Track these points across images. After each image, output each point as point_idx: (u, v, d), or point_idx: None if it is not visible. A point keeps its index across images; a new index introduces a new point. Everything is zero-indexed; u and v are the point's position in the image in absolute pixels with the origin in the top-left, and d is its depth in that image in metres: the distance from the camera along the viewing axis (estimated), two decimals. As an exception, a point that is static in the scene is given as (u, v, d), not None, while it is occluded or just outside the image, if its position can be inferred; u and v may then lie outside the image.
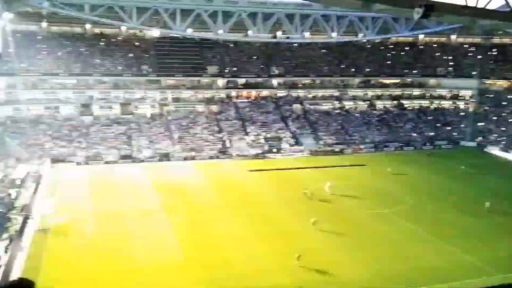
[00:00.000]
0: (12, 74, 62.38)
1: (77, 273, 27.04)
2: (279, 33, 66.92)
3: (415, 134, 71.41)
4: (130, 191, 43.90)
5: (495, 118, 73.88)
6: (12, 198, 38.62)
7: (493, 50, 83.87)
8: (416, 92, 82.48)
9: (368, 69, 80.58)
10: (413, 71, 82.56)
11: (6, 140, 53.89)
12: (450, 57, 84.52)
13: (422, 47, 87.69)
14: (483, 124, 73.75)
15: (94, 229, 33.91)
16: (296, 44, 77.19)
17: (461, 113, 78.30)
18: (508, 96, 76.33)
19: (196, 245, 31.69)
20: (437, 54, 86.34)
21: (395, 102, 79.48)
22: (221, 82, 73.04)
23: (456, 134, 72.37)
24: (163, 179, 48.82)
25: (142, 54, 71.62)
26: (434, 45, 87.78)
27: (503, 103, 75.81)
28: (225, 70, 73.42)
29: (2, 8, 48.00)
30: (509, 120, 71.85)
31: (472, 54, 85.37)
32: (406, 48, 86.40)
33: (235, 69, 74.33)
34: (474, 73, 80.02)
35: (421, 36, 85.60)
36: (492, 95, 78.64)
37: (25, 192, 41.17)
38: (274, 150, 61.75)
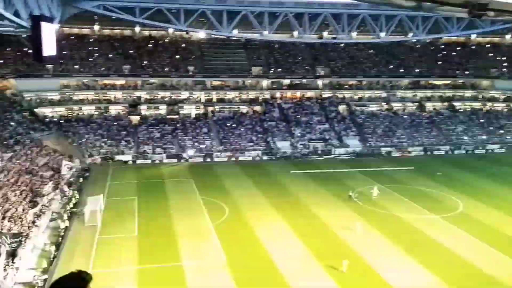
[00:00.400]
0: (66, 75, 65.03)
1: (124, 267, 27.63)
2: (325, 34, 66.07)
3: (466, 138, 68.57)
4: (174, 190, 44.54)
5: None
6: (66, 195, 40.15)
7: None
8: (468, 93, 79.27)
9: (418, 70, 78.18)
10: (465, 72, 79.36)
11: (59, 138, 56.08)
12: (504, 58, 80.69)
13: (474, 47, 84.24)
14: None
15: (139, 226, 34.58)
16: (343, 45, 75.98)
17: (516, 116, 74.59)
18: None
19: (238, 244, 31.65)
20: (490, 54, 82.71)
21: (446, 103, 76.65)
22: (265, 83, 73.01)
23: (509, 138, 68.83)
24: (206, 178, 49.25)
25: (189, 56, 72.71)
26: (487, 45, 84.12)
27: None
28: (270, 71, 73.33)
29: (57, 12, 50.06)
30: None
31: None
32: (457, 48, 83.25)
33: (279, 70, 74.10)
34: (530, 74, 76.01)
35: (473, 36, 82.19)
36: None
37: (76, 189, 42.73)
38: (319, 151, 60.97)
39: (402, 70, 77.72)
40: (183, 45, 74.22)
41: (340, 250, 30.34)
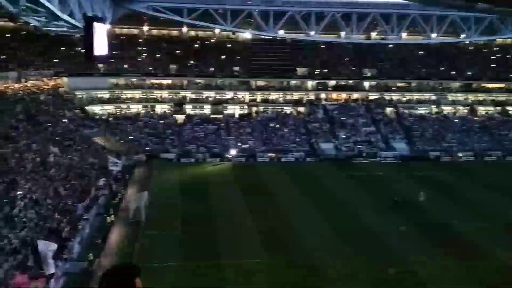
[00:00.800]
0: (116, 74, 66.99)
1: (165, 263, 27.94)
2: (373, 34, 64.80)
3: (519, 143, 65.20)
4: (217, 189, 44.79)
5: None
6: (112, 190, 41.24)
7: None
8: (523, 98, 75.41)
9: (470, 72, 75.17)
10: (520, 76, 75.57)
11: (108, 135, 57.81)
12: None
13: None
14: None
15: (182, 223, 34.96)
16: (392, 45, 74.16)
17: None
18: None
19: (280, 246, 31.34)
20: (548, 57, 78.40)
21: (499, 108, 73.23)
22: (310, 84, 72.36)
23: None
24: (249, 178, 49.24)
25: (234, 56, 73.14)
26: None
27: None
28: (315, 72, 72.59)
29: (109, 13, 51.62)
30: None
31: None
32: (513, 50, 79.51)
33: (325, 70, 73.21)
34: None
35: (531, 38, 78.25)
36: None
37: (122, 185, 43.81)
38: (364, 154, 59.72)
39: (453, 73, 74.99)
40: (229, 45, 74.77)
41: (385, 256, 29.43)
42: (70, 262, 27.01)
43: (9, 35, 60.61)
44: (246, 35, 72.22)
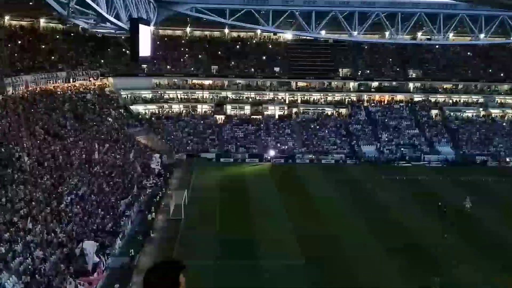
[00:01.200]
0: (159, 74, 68.35)
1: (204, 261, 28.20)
2: (419, 34, 63.07)
3: None
4: (255, 189, 44.82)
5: None
6: (154, 188, 42.09)
7: None
8: None
9: (520, 74, 71.92)
10: None
11: (150, 134, 59.09)
12: None
13: None
14: None
15: (220, 222, 35.22)
16: (438, 46, 71.96)
17: None
18: None
19: (318, 248, 30.95)
20: None
21: (551, 111, 69.66)
22: (352, 85, 71.25)
23: None
24: (287, 179, 49.00)
25: (275, 57, 73.06)
26: None
27: None
28: (358, 73, 71.42)
29: (153, 15, 52.71)
30: None
31: None
32: None
33: (368, 71, 71.93)
34: None
35: None
36: None
37: (163, 183, 44.65)
38: (407, 157, 58.22)
39: (502, 74, 71.92)
40: (270, 46, 74.76)
41: (429, 265, 28.49)
42: (112, 257, 27.74)
43: (59, 36, 62.97)
44: (287, 35, 71.91)
